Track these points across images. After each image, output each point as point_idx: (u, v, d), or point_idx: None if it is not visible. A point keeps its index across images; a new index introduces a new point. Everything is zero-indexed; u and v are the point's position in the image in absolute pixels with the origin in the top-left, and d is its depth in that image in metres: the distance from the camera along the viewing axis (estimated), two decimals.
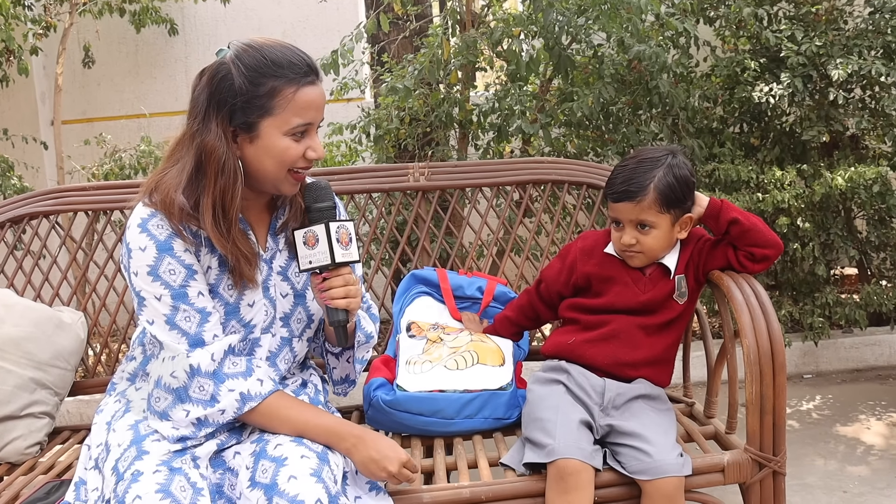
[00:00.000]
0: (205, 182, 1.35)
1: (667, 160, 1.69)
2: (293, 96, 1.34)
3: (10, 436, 1.79)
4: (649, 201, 1.66)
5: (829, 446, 2.69)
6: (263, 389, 1.38)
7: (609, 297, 1.73)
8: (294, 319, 1.52)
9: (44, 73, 4.51)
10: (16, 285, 2.09)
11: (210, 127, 1.35)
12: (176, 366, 1.35)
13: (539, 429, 1.56)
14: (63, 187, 2.16)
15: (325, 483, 1.27)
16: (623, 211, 1.70)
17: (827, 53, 3.13)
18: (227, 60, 1.35)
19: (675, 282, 1.72)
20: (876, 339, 3.50)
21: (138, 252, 1.36)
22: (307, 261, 1.41)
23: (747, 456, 1.55)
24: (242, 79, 1.33)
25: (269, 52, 1.35)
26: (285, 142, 1.36)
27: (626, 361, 1.69)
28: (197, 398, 1.35)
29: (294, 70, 1.35)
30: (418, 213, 2.25)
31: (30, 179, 3.93)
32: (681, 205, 1.70)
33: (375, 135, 3.44)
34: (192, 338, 1.36)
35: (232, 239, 1.37)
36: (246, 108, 1.34)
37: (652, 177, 1.67)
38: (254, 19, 4.65)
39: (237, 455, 1.38)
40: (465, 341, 1.87)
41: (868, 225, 3.41)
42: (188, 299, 1.36)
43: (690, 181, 1.70)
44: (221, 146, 1.34)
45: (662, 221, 1.69)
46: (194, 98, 1.38)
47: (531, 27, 3.12)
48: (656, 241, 1.70)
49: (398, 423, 1.78)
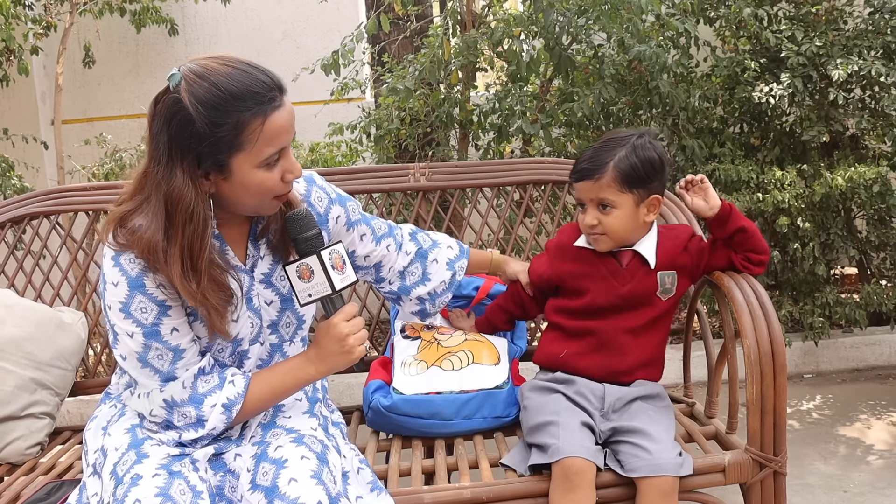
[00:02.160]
0: (172, 231, 1.27)
1: (632, 140, 1.66)
2: (262, 128, 1.25)
3: (11, 436, 1.79)
4: (608, 179, 1.63)
5: (829, 446, 2.69)
6: (238, 388, 1.38)
7: (590, 296, 1.70)
8: (283, 325, 1.50)
9: (44, 73, 4.51)
10: (16, 285, 2.09)
11: (175, 173, 1.25)
12: (153, 403, 1.35)
13: (542, 433, 1.56)
14: (63, 187, 2.16)
15: (326, 485, 1.27)
16: (583, 190, 1.67)
17: (827, 54, 3.13)
18: (181, 97, 1.23)
19: (658, 278, 1.70)
20: (876, 338, 3.50)
21: (111, 286, 1.31)
22: (306, 294, 1.37)
23: (748, 456, 1.55)
24: (203, 121, 1.23)
25: (225, 84, 1.23)
26: (260, 175, 1.29)
27: (620, 369, 1.68)
28: (184, 425, 1.36)
29: (257, 99, 1.25)
30: (419, 214, 2.25)
31: (30, 179, 3.93)
32: (645, 185, 1.65)
33: (376, 135, 3.44)
34: (164, 375, 1.34)
35: (201, 291, 1.29)
36: (213, 151, 1.25)
37: (613, 155, 1.64)
38: (254, 19, 4.65)
39: (238, 457, 1.38)
40: (460, 341, 1.87)
41: (868, 225, 3.41)
42: (160, 337, 1.33)
43: (657, 162, 1.66)
44: (189, 193, 1.26)
45: (624, 201, 1.64)
46: (153, 135, 1.28)
47: (531, 27, 3.12)
48: (619, 222, 1.65)
49: (398, 425, 1.78)
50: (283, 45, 4.63)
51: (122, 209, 1.32)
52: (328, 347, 1.39)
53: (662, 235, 1.74)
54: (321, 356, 1.40)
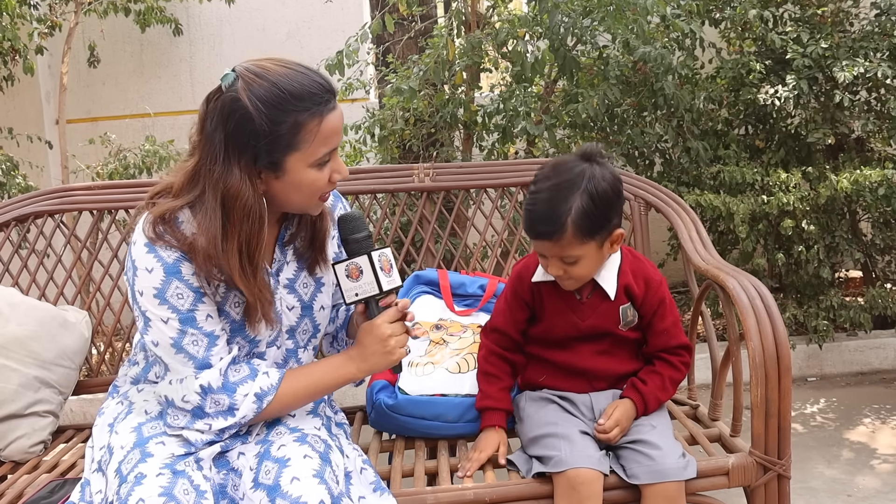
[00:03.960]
0: (230, 227, 1.30)
1: (584, 178, 1.51)
2: (318, 128, 1.29)
3: (14, 434, 1.79)
4: (568, 238, 1.50)
5: (833, 450, 2.68)
6: (272, 380, 1.39)
7: (552, 330, 1.65)
8: (300, 331, 1.51)
9: (49, 73, 4.52)
10: (20, 284, 2.09)
11: (233, 171, 1.28)
12: (186, 388, 1.33)
13: (542, 445, 1.54)
14: (67, 186, 2.16)
15: (328, 484, 1.27)
16: (543, 248, 1.56)
17: (833, 55, 3.13)
18: (240, 96, 1.26)
19: (620, 312, 1.63)
20: (881, 342, 3.48)
21: (144, 272, 1.31)
22: (353, 293, 1.41)
23: (752, 459, 1.54)
24: (263, 119, 1.25)
25: (285, 84, 1.26)
26: (312, 174, 1.32)
27: (601, 387, 1.66)
28: (215, 412, 1.34)
29: (315, 100, 1.28)
30: (423, 214, 2.25)
31: (34, 178, 3.94)
32: (605, 227, 1.54)
33: (380, 135, 3.44)
34: (198, 361, 1.34)
35: (258, 285, 1.34)
36: (270, 149, 1.28)
37: (568, 210, 1.49)
38: (258, 19, 4.66)
39: (241, 456, 1.38)
40: (469, 343, 1.87)
41: (873, 228, 3.40)
42: (196, 323, 1.33)
43: (612, 197, 1.53)
44: (247, 190, 1.28)
45: (587, 250, 1.54)
46: (207, 135, 1.29)
47: (536, 28, 3.12)
48: (585, 269, 1.57)
49: (401, 426, 1.78)
50: (288, 45, 4.63)
51: (172, 204, 1.32)
52: (370, 347, 1.41)
53: (626, 261, 1.66)
54: (363, 355, 1.42)
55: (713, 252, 1.91)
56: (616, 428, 1.55)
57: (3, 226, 2.09)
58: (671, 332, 1.66)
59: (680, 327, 1.69)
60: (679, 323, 1.70)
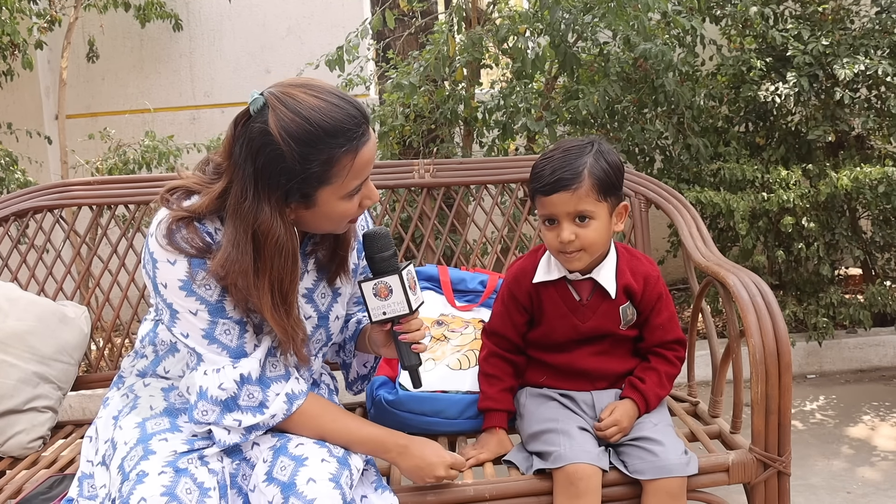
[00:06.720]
0: (261, 263, 1.27)
1: (594, 147, 1.55)
2: (352, 163, 1.25)
3: (13, 430, 1.79)
4: (586, 188, 1.51)
5: (832, 447, 2.69)
6: (303, 386, 1.38)
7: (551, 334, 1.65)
8: (314, 340, 1.50)
9: (48, 68, 4.51)
10: (20, 279, 2.09)
11: (263, 208, 1.24)
12: (223, 377, 1.31)
13: (542, 441, 1.54)
14: (67, 181, 2.15)
15: (343, 489, 1.27)
16: (558, 203, 1.52)
17: (833, 53, 3.12)
18: (270, 129, 1.21)
19: (620, 312, 1.63)
20: (880, 339, 3.49)
21: (166, 265, 1.29)
22: (380, 311, 1.38)
23: (752, 456, 1.54)
24: (295, 157, 1.21)
25: (318, 119, 1.21)
26: (343, 205, 1.29)
27: (602, 386, 1.66)
28: (246, 406, 1.32)
29: (348, 136, 1.23)
30: (423, 210, 2.24)
31: (34, 174, 3.93)
32: (616, 192, 1.56)
33: (380, 131, 3.43)
34: (233, 350, 1.32)
35: (292, 324, 1.32)
36: (301, 186, 1.25)
37: (584, 163, 1.52)
38: (259, 15, 4.65)
39: (255, 446, 1.37)
40: (470, 339, 1.87)
41: (873, 225, 3.40)
42: (226, 313, 1.32)
43: (618, 165, 1.57)
44: (278, 228, 1.25)
45: (601, 211, 1.53)
46: (235, 162, 1.25)
47: (537, 24, 3.11)
48: (597, 234, 1.54)
49: (400, 422, 1.77)
50: (288, 40, 4.63)
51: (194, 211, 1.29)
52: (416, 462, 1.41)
53: (623, 259, 1.66)
54: (404, 455, 1.41)
55: (713, 249, 1.91)
56: (614, 427, 1.55)
57: (3, 221, 2.08)
58: (667, 327, 1.67)
59: (676, 321, 1.69)
60: (675, 317, 1.70)
